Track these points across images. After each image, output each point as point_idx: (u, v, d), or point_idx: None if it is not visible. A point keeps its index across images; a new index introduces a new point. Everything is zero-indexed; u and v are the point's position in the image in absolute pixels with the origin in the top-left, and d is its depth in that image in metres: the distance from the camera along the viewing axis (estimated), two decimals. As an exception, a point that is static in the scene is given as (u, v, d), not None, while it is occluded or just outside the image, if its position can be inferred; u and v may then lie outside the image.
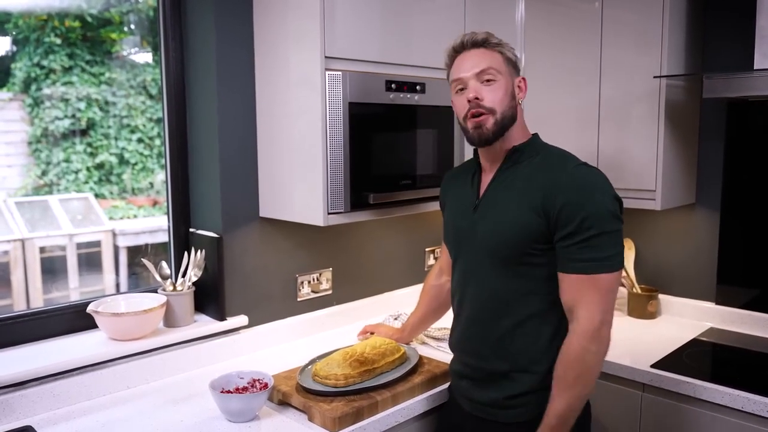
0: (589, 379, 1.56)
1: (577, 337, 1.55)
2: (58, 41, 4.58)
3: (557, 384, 1.57)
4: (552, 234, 1.57)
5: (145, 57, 4.76)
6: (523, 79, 1.72)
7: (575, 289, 1.55)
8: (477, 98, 1.63)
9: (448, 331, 2.26)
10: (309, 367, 1.94)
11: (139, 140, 4.93)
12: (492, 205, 1.68)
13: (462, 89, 1.67)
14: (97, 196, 4.89)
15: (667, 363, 2.15)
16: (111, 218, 4.82)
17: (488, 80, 1.64)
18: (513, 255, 1.62)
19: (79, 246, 4.53)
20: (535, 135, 1.74)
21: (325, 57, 1.94)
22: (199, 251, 2.16)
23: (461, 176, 1.84)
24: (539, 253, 1.60)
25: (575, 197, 1.54)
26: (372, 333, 2.25)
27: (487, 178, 1.74)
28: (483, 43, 1.67)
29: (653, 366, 2.12)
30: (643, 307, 2.63)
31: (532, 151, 1.68)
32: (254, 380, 1.80)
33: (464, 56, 1.68)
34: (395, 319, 2.45)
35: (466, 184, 1.79)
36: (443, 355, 2.14)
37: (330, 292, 2.50)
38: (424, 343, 2.27)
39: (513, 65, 1.69)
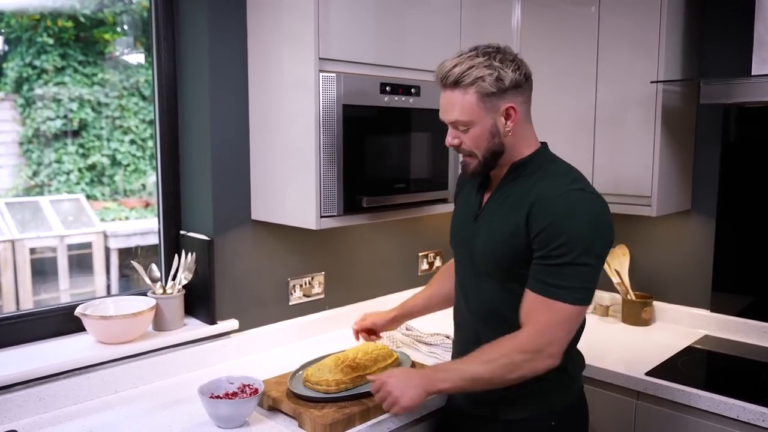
0: (497, 377, 1.53)
1: (513, 341, 1.53)
2: (51, 41, 4.55)
3: (475, 353, 1.56)
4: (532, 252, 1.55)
5: (138, 58, 4.73)
6: (512, 107, 1.56)
7: (531, 306, 1.53)
8: (454, 145, 1.62)
9: (440, 337, 2.26)
10: (300, 372, 1.92)
11: (132, 142, 4.90)
12: (488, 219, 1.66)
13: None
14: (88, 197, 4.86)
15: (661, 371, 2.13)
16: (102, 220, 4.79)
17: (462, 128, 1.59)
18: (502, 271, 1.62)
19: (70, 247, 4.50)
20: (543, 146, 1.67)
21: (320, 58, 1.93)
22: (189, 254, 2.14)
23: (474, 180, 1.79)
24: (527, 271, 1.57)
25: (557, 221, 1.49)
26: (370, 333, 2.07)
27: (490, 189, 1.71)
28: (455, 83, 1.54)
29: (648, 374, 2.10)
30: (637, 314, 2.61)
31: (534, 166, 1.62)
32: (244, 385, 1.78)
33: (442, 94, 1.61)
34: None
35: (473, 190, 1.76)
36: (435, 361, 2.12)
37: (322, 296, 2.47)
38: (415, 348, 2.24)
39: (495, 96, 1.54)
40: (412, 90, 2.15)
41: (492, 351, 1.55)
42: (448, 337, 2.24)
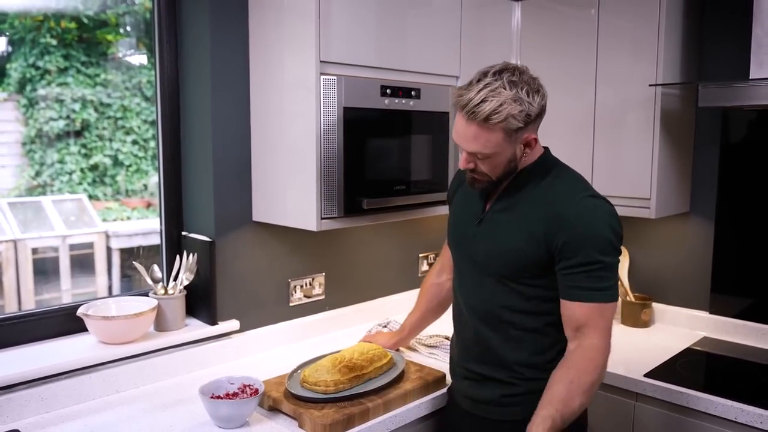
0: (592, 395, 1.57)
1: (592, 350, 1.56)
2: (54, 42, 4.56)
3: (574, 387, 1.53)
4: (552, 263, 1.58)
5: (140, 59, 4.74)
6: (535, 139, 1.60)
7: (587, 317, 1.56)
8: (469, 169, 1.62)
9: (440, 339, 2.27)
10: (297, 372, 1.93)
11: (134, 142, 4.90)
12: (495, 224, 1.67)
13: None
14: (90, 197, 4.87)
15: (660, 372, 2.14)
16: (104, 220, 4.80)
17: (480, 157, 1.58)
18: (509, 276, 1.64)
19: (72, 247, 4.50)
20: (546, 151, 1.69)
21: (321, 61, 1.94)
22: (191, 255, 2.15)
23: None
24: (536, 276, 1.61)
25: (581, 231, 1.54)
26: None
27: (495, 192, 1.71)
28: (485, 120, 1.50)
29: (646, 375, 2.11)
30: (636, 316, 2.62)
31: (540, 173, 1.65)
32: (245, 386, 1.79)
33: (462, 120, 1.55)
34: (384, 327, 2.43)
35: (475, 191, 1.77)
36: (435, 362, 2.13)
37: (322, 297, 2.48)
38: (415, 350, 2.25)
39: (520, 130, 1.54)
40: (413, 92, 2.16)
41: (587, 376, 1.55)
42: (447, 338, 2.25)
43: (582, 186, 1.63)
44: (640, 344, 2.44)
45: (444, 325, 2.08)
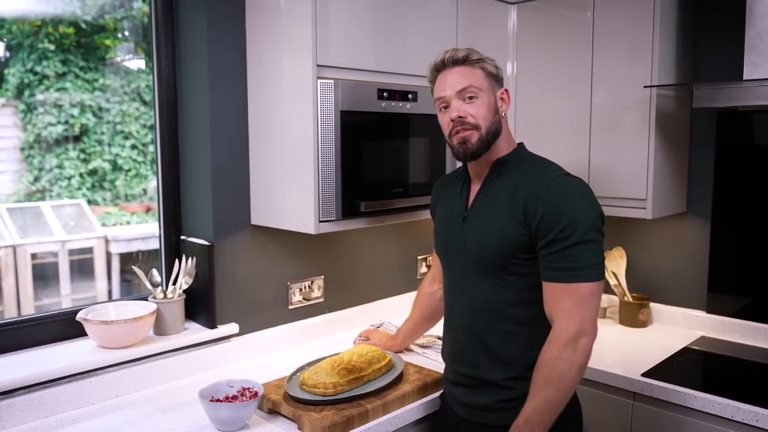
0: (559, 386, 1.55)
1: (549, 344, 1.56)
2: (52, 47, 4.57)
3: (531, 386, 1.59)
4: (535, 243, 1.60)
5: (139, 63, 4.75)
6: (506, 90, 1.73)
7: (553, 297, 1.58)
8: (461, 116, 1.66)
9: (433, 338, 2.29)
10: (296, 375, 1.94)
11: (133, 147, 4.91)
12: (478, 216, 1.70)
13: (445, 107, 1.70)
14: (89, 202, 4.87)
15: (658, 372, 2.15)
16: (104, 225, 4.80)
17: (470, 97, 1.66)
18: (500, 265, 1.64)
19: (71, 252, 4.51)
20: (520, 145, 1.75)
21: (317, 65, 1.95)
22: (190, 259, 2.16)
23: (451, 185, 1.86)
24: (526, 262, 1.62)
25: (554, 206, 1.56)
26: (367, 338, 2.29)
27: (474, 189, 1.76)
28: (464, 60, 1.67)
29: (644, 375, 2.12)
30: (634, 316, 2.63)
31: (516, 162, 1.71)
32: (244, 389, 1.80)
33: (445, 74, 1.69)
34: (378, 327, 2.45)
35: (456, 194, 1.80)
36: (430, 362, 2.14)
37: (322, 300, 2.49)
38: (409, 350, 2.27)
39: (495, 78, 1.70)
40: (409, 96, 2.17)
41: (539, 372, 1.57)
42: (439, 338, 2.27)
43: (554, 167, 1.68)
44: (638, 344, 2.45)
45: (437, 326, 2.09)
